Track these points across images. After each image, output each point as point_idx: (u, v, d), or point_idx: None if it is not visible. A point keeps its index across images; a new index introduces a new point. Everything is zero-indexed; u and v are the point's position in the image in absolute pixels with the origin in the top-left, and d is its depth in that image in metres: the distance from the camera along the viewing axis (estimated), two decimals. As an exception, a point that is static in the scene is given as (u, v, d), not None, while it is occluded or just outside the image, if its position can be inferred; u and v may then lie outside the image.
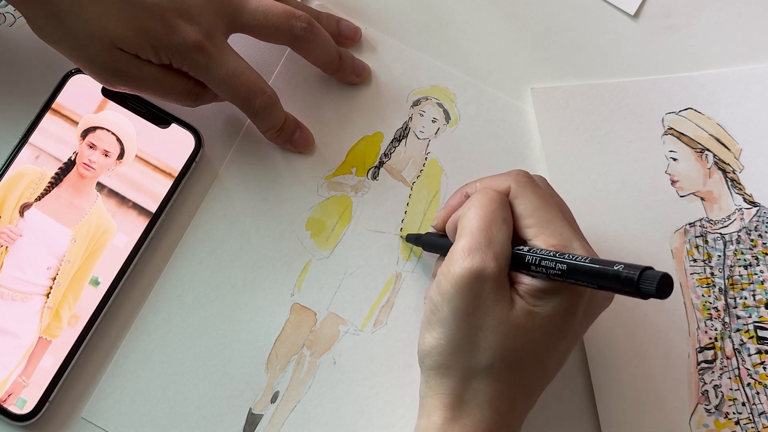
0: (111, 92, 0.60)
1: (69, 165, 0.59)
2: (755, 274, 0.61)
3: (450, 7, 0.65)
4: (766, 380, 0.59)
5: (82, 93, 0.60)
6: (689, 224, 0.62)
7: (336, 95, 0.63)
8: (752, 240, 0.61)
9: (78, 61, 0.54)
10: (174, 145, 0.60)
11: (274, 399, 0.58)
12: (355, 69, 0.62)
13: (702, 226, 0.62)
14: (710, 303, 0.60)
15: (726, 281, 0.61)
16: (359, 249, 0.60)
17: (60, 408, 0.57)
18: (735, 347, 0.60)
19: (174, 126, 0.60)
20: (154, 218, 0.59)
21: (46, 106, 0.60)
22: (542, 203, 0.50)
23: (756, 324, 0.60)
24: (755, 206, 0.62)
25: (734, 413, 0.59)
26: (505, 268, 0.49)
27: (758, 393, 0.59)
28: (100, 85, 0.60)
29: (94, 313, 0.57)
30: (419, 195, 0.62)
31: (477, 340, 0.48)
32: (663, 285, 0.41)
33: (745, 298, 0.60)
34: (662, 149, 0.63)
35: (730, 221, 0.62)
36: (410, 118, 0.63)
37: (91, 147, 0.60)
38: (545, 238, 0.49)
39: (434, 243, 0.57)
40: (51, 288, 0.57)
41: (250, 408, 0.58)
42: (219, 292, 0.59)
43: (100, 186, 0.59)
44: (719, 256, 0.61)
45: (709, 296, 0.60)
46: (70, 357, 0.56)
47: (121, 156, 0.60)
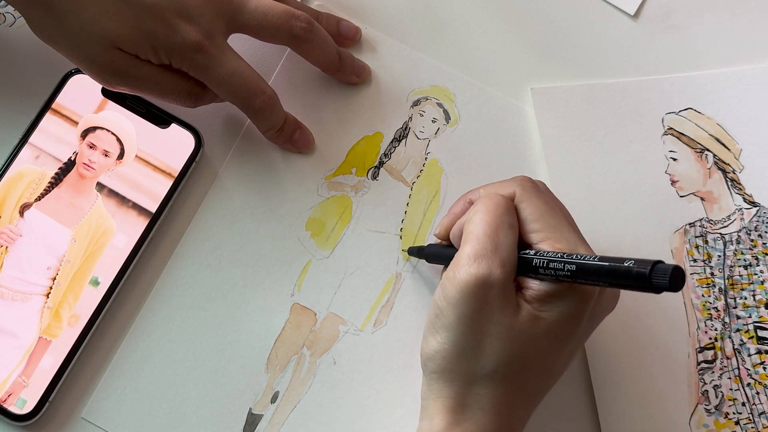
0: (111, 92, 0.60)
1: (69, 165, 0.59)
2: (755, 274, 0.61)
3: (450, 7, 0.65)
4: (766, 380, 0.59)
5: (82, 93, 0.60)
6: (689, 224, 0.62)
7: (336, 95, 0.63)
8: (752, 240, 0.61)
9: (78, 62, 0.54)
10: (174, 145, 0.60)
11: (274, 399, 0.58)
12: (355, 69, 0.62)
13: (702, 226, 0.62)
14: (710, 303, 0.60)
15: (726, 281, 0.61)
16: (359, 249, 0.60)
17: (60, 408, 0.57)
18: (735, 347, 0.60)
19: (174, 126, 0.60)
20: (154, 218, 0.59)
21: (46, 106, 0.60)
22: (548, 208, 0.50)
23: (756, 324, 0.60)
24: (755, 206, 0.62)
25: (734, 413, 0.59)
26: (512, 274, 0.48)
27: (758, 393, 0.59)
28: (100, 85, 0.60)
29: (94, 313, 0.57)
30: (419, 195, 0.62)
31: (482, 346, 0.48)
32: (675, 278, 0.41)
33: (745, 298, 0.60)
34: (662, 149, 0.63)
35: (730, 221, 0.62)
36: (410, 118, 0.63)
37: (91, 147, 0.60)
38: (552, 243, 0.49)
39: (438, 254, 0.57)
40: (51, 288, 0.57)
41: (250, 408, 0.58)
42: (219, 292, 0.59)
43: (100, 186, 0.59)
44: (719, 256, 0.61)
45: (709, 296, 0.60)
46: (70, 357, 0.56)
47: (121, 156, 0.60)
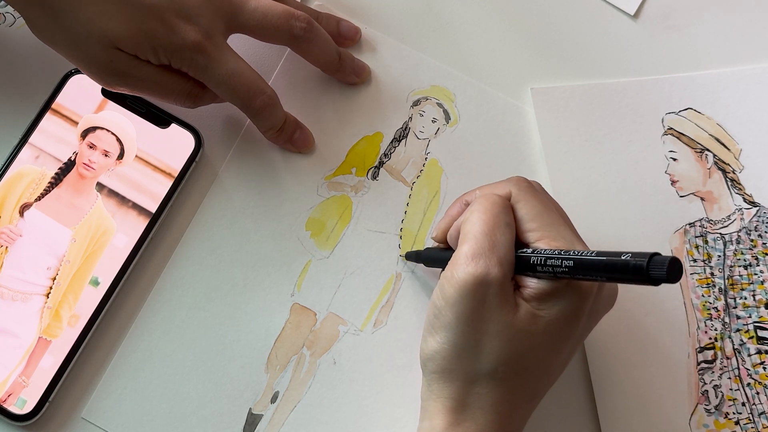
0: (111, 92, 0.60)
1: (69, 165, 0.59)
2: (755, 274, 0.61)
3: (450, 7, 0.65)
4: (766, 380, 0.59)
5: (82, 93, 0.60)
6: (689, 224, 0.62)
7: (336, 95, 0.63)
8: (752, 240, 0.61)
9: (77, 62, 0.54)
10: (174, 145, 0.60)
11: (274, 399, 0.58)
12: (355, 69, 0.62)
13: (702, 226, 0.61)
14: (710, 303, 0.60)
15: (726, 281, 0.61)
16: (359, 249, 0.60)
17: (60, 408, 0.57)
18: (735, 347, 0.60)
19: (174, 126, 0.60)
20: (154, 218, 0.59)
21: (46, 106, 0.60)
22: (544, 208, 0.50)
23: (756, 324, 0.60)
24: (755, 206, 0.62)
25: (734, 413, 0.59)
26: (509, 273, 0.48)
27: (758, 393, 0.59)
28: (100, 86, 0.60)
29: (94, 313, 0.57)
30: (419, 195, 0.62)
31: (481, 345, 0.48)
32: (673, 269, 0.41)
33: (745, 298, 0.60)
34: (662, 149, 0.63)
35: (730, 221, 0.62)
36: (410, 118, 0.63)
37: (91, 147, 0.60)
38: (549, 241, 0.49)
39: (436, 257, 0.57)
40: (51, 288, 0.57)
41: (250, 408, 0.58)
42: (219, 292, 0.59)
43: (100, 186, 0.59)
44: (719, 256, 0.61)
45: (709, 296, 0.60)
46: (70, 357, 0.56)
47: (121, 156, 0.60)
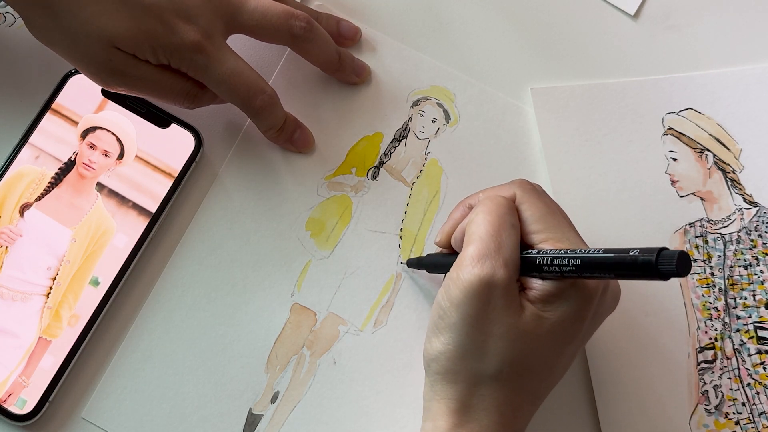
0: (111, 92, 0.60)
1: (69, 165, 0.59)
2: (755, 275, 0.61)
3: (450, 7, 0.65)
4: (766, 380, 0.59)
5: (82, 93, 0.60)
6: (689, 224, 0.62)
7: (336, 95, 0.63)
8: (752, 240, 0.61)
9: (76, 62, 0.54)
10: (174, 145, 0.60)
11: (274, 399, 0.58)
12: (355, 69, 0.62)
13: (702, 226, 0.61)
14: (710, 303, 0.60)
15: (726, 281, 0.61)
16: (359, 249, 0.60)
17: (60, 408, 0.57)
18: (735, 347, 0.60)
19: (174, 126, 0.60)
20: (154, 218, 0.59)
21: (46, 106, 0.60)
22: (548, 210, 0.50)
23: (756, 324, 0.60)
24: (755, 206, 0.62)
25: (734, 413, 0.59)
26: (515, 275, 0.48)
27: (758, 393, 0.59)
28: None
29: (94, 313, 0.57)
30: (419, 195, 0.62)
31: (486, 346, 0.48)
32: (682, 263, 0.41)
33: (745, 298, 0.60)
34: (662, 149, 0.63)
35: (730, 221, 0.62)
36: (410, 118, 0.63)
37: (91, 147, 0.60)
38: (554, 243, 0.49)
39: (438, 263, 0.56)
40: (51, 288, 0.57)
41: (250, 408, 0.58)
42: (219, 292, 0.59)
43: (100, 186, 0.59)
44: (719, 256, 0.61)
45: (709, 296, 0.60)
46: (70, 357, 0.56)
47: (121, 156, 0.60)
